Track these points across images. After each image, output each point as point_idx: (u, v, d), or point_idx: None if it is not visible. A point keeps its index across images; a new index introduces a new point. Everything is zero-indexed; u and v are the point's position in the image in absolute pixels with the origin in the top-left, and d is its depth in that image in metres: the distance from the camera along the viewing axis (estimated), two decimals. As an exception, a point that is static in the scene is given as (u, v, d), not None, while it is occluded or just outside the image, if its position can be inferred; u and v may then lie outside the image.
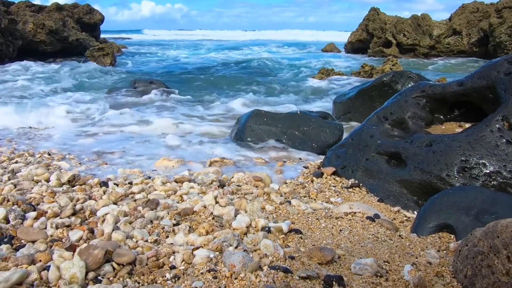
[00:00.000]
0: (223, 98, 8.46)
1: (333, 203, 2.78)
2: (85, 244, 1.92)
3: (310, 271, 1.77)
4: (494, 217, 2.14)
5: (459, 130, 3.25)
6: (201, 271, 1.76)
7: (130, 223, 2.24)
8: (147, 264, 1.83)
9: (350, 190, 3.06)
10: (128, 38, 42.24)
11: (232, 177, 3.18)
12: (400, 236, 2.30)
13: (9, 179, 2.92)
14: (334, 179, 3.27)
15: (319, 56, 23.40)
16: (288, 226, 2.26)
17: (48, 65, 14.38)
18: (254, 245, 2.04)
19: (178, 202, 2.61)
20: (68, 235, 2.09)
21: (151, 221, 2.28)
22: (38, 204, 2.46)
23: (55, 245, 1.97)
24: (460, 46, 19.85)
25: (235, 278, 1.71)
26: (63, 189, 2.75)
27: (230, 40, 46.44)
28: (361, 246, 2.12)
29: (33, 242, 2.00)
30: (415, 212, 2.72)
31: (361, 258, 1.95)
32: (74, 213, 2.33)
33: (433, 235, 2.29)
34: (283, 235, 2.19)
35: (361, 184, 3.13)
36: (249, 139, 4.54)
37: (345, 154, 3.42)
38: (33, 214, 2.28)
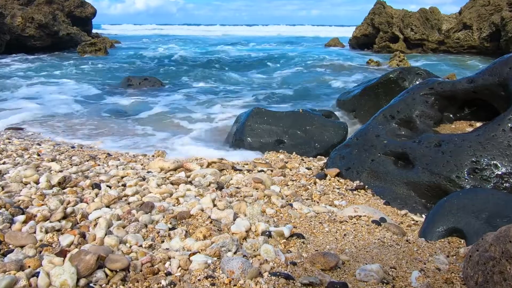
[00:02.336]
0: (222, 97, 8.43)
1: (337, 206, 2.75)
2: (76, 249, 1.89)
3: (313, 277, 1.74)
4: (506, 221, 2.12)
5: (470, 129, 3.23)
6: (198, 278, 1.73)
7: (124, 227, 2.19)
8: (141, 270, 1.79)
9: (355, 192, 3.04)
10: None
11: (231, 179, 3.15)
12: (407, 240, 2.26)
13: (-4, 181, 2.86)
14: (338, 181, 3.25)
15: (323, 51, 23.37)
16: (289, 231, 2.22)
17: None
18: (254, 250, 2.00)
19: (174, 205, 2.56)
20: (58, 239, 2.04)
21: (146, 225, 2.23)
22: (27, 207, 2.40)
23: (45, 250, 1.93)
24: (470, 41, 19.35)
25: (234, 285, 1.68)
26: (53, 192, 2.69)
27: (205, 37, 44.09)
28: (367, 251, 2.09)
29: (22, 247, 1.95)
30: (423, 215, 2.70)
31: (366, 264, 1.92)
32: (64, 217, 2.28)
33: (442, 240, 2.26)
34: (284, 240, 2.16)
35: (366, 186, 3.11)
36: (248, 139, 4.45)
37: (349, 155, 3.39)
38: (21, 217, 2.23)
